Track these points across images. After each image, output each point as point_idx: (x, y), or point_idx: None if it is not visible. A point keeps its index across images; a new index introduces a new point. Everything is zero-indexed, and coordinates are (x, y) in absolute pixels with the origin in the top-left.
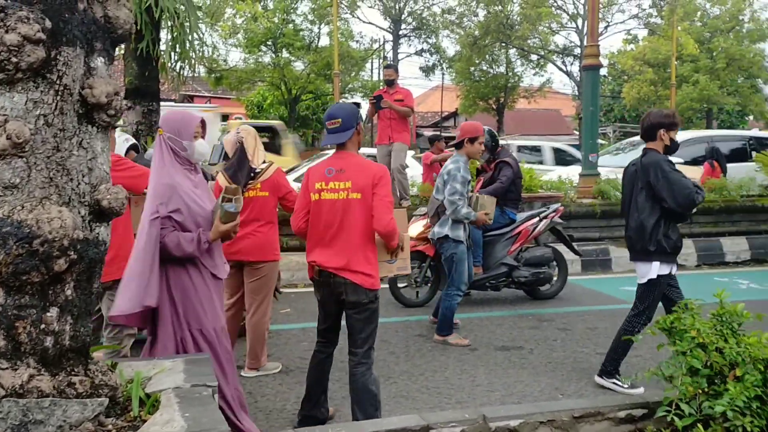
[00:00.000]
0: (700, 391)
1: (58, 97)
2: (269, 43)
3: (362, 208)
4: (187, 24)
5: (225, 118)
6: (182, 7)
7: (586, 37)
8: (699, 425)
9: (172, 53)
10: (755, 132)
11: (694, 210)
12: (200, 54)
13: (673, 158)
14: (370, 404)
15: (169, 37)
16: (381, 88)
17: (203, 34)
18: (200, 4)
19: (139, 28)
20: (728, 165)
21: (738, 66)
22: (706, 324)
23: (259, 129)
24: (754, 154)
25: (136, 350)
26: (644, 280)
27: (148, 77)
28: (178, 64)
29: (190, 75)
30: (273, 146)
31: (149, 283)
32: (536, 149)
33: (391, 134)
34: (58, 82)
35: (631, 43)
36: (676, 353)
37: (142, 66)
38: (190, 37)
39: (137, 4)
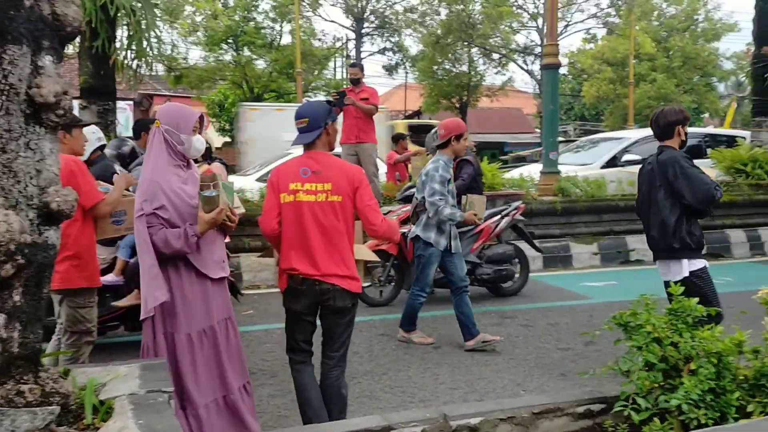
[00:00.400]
0: (656, 385)
1: (4, 97)
2: (230, 41)
3: (343, 210)
4: (144, 21)
5: None
6: (138, 4)
7: (545, 36)
8: (655, 419)
9: (128, 51)
10: (710, 129)
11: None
12: (158, 52)
13: (630, 156)
14: (340, 410)
15: (126, 34)
16: (346, 87)
17: (161, 32)
18: (157, 2)
19: (94, 25)
20: None
21: (693, 65)
22: (662, 319)
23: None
24: (709, 151)
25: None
26: (678, 278)
27: (104, 76)
28: (135, 62)
29: (148, 73)
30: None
31: (151, 280)
32: None
33: (358, 134)
34: (3, 81)
35: (591, 42)
36: (632, 348)
37: (97, 64)
38: (147, 35)
39: (92, 1)
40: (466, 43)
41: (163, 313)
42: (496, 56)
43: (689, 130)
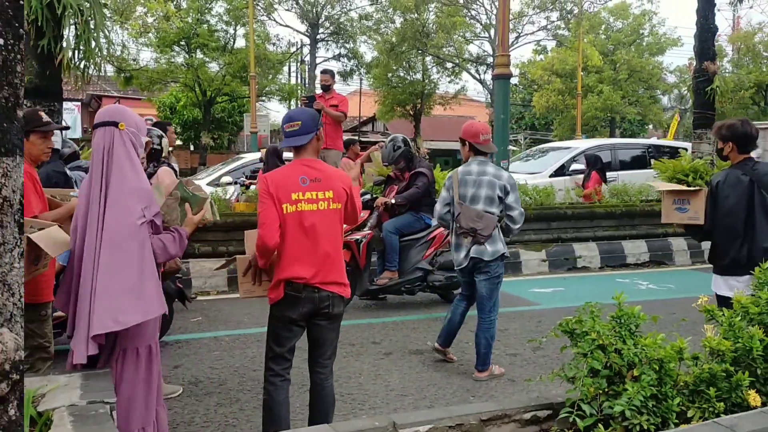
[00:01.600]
0: (601, 392)
1: None
2: (182, 43)
3: (340, 218)
4: (93, 21)
5: None
6: (87, 3)
7: (497, 47)
8: (600, 425)
9: (76, 52)
10: (654, 140)
11: None
12: (107, 53)
13: (577, 165)
14: (333, 413)
15: (73, 34)
16: (317, 93)
17: (111, 33)
18: (107, 2)
19: (39, 24)
20: (629, 172)
21: (638, 77)
22: (606, 326)
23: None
24: (652, 161)
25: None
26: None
27: (50, 76)
28: (83, 63)
29: (97, 74)
30: None
31: (152, 290)
32: None
33: (325, 139)
34: None
35: (541, 54)
36: (577, 355)
37: (42, 64)
38: (95, 35)
39: (38, 0)
40: (420, 51)
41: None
42: (449, 65)
43: (634, 141)
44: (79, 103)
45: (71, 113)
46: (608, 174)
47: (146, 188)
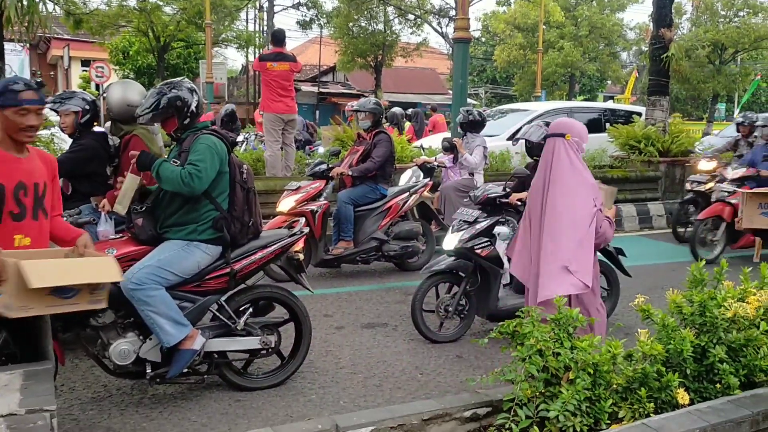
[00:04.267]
0: (538, 393)
1: None
2: None
3: None
4: None
5: (86, 63)
6: None
7: (458, 9)
8: (535, 426)
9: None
10: (610, 104)
11: None
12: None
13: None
14: None
15: None
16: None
17: None
18: None
19: None
20: None
21: (599, 34)
22: (545, 329)
23: None
24: (607, 126)
25: None
26: None
27: None
28: (27, 17)
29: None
30: None
31: (591, 266)
32: None
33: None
34: None
35: (504, 6)
36: (516, 359)
37: None
38: None
39: None
40: (382, 2)
41: None
42: (411, 17)
43: (589, 104)
44: (27, 44)
45: (18, 54)
46: None
47: (593, 183)
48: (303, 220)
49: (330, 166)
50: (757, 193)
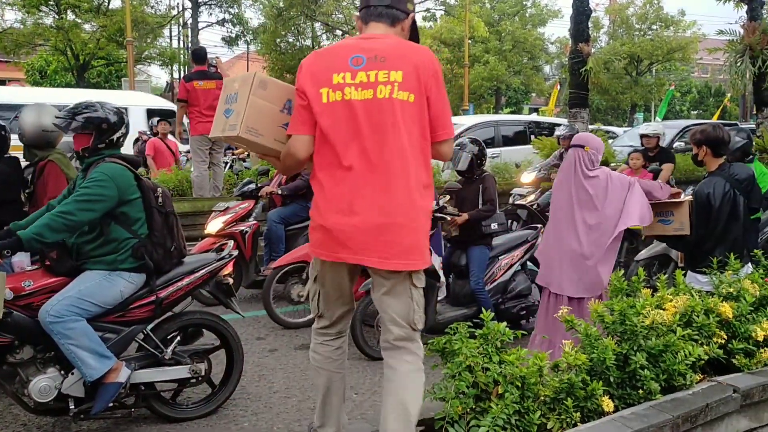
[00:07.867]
0: (469, 410)
1: None
2: (51, 3)
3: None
4: None
5: (1, 83)
6: None
7: None
8: None
9: None
10: (534, 117)
11: None
12: None
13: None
14: None
15: None
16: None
17: None
18: None
19: None
20: (511, 148)
21: (522, 48)
22: (473, 345)
23: None
24: (532, 137)
25: None
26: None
27: None
28: None
29: None
30: None
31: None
32: None
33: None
34: None
35: (430, 21)
36: (446, 376)
37: None
38: None
39: None
40: (309, 18)
41: None
42: (339, 32)
43: (515, 117)
44: None
45: None
46: (492, 150)
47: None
48: (232, 242)
49: (259, 185)
50: (654, 203)
